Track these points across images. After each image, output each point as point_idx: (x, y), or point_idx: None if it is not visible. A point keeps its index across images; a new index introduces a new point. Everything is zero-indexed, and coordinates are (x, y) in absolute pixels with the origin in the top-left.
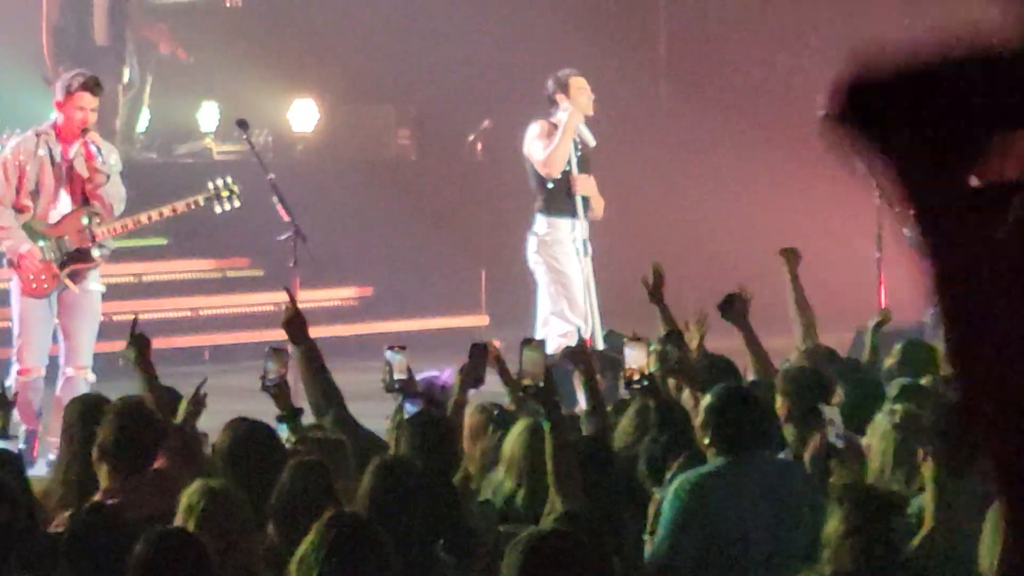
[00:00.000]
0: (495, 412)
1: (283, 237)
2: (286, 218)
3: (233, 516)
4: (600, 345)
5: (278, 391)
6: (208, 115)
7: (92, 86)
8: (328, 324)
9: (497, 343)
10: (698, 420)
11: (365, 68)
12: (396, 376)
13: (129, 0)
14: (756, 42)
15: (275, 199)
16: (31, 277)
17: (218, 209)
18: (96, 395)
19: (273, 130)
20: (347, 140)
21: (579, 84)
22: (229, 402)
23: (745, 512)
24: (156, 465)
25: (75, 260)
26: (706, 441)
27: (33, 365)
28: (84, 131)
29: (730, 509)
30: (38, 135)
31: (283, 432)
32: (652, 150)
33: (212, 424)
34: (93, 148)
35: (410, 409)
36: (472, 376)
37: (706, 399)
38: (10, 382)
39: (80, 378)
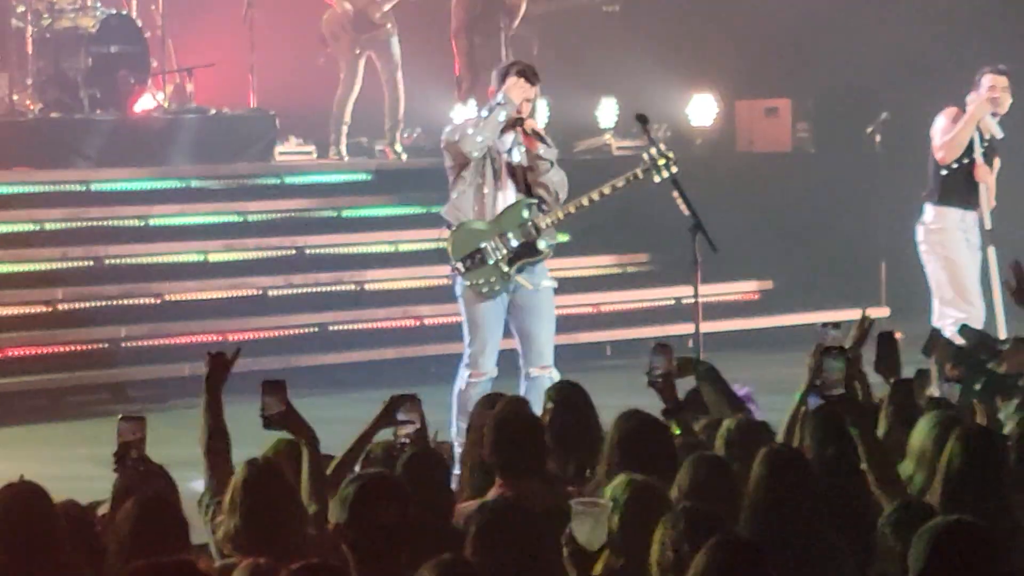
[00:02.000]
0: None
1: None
2: (687, 212)
3: (653, 508)
4: (1004, 335)
5: (664, 385)
6: (607, 111)
7: (530, 74)
8: (730, 318)
9: (899, 335)
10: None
11: (762, 61)
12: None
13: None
14: None
15: (675, 193)
16: (480, 282)
17: (657, 178)
18: (495, 395)
19: (672, 125)
20: (745, 133)
21: (990, 83)
22: (625, 397)
23: None
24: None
25: (522, 255)
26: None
27: (488, 369)
28: (519, 121)
29: None
30: None
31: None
32: None
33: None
34: (533, 136)
35: (812, 402)
36: (888, 366)
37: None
38: (461, 384)
39: (545, 377)
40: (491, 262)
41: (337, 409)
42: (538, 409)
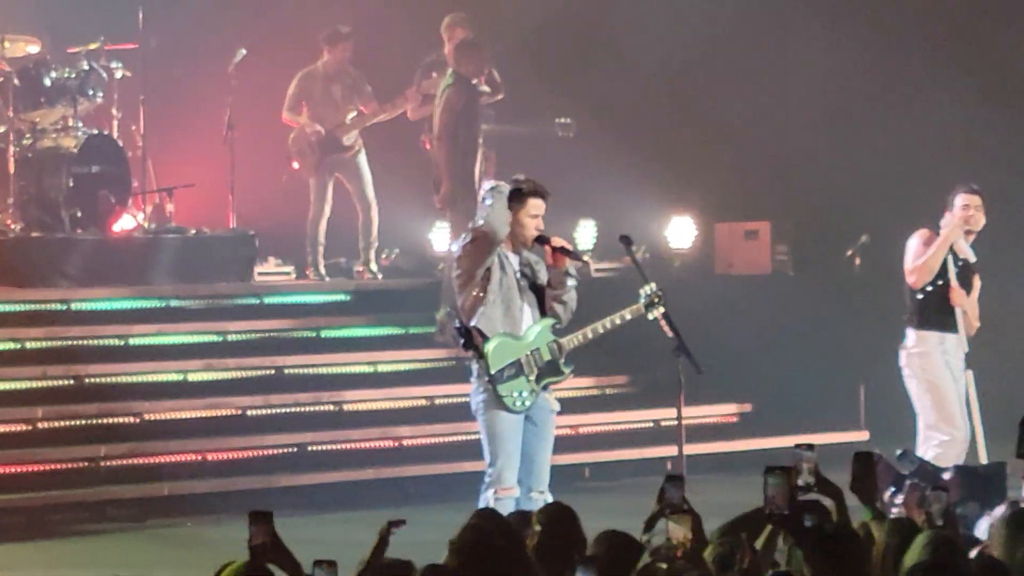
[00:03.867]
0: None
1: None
2: (671, 334)
3: None
4: (985, 460)
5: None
6: (585, 232)
7: (543, 192)
8: (709, 441)
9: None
10: None
11: (742, 184)
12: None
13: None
14: None
15: (660, 316)
16: (515, 395)
17: (651, 316)
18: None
19: (651, 247)
20: (724, 256)
21: (963, 201)
22: (603, 518)
23: None
24: None
25: (547, 374)
26: None
27: (514, 484)
28: (541, 239)
29: None
30: None
31: None
32: None
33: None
34: (562, 252)
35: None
36: (865, 490)
37: None
38: (488, 503)
39: (542, 501)
40: (525, 376)
41: (315, 530)
42: None
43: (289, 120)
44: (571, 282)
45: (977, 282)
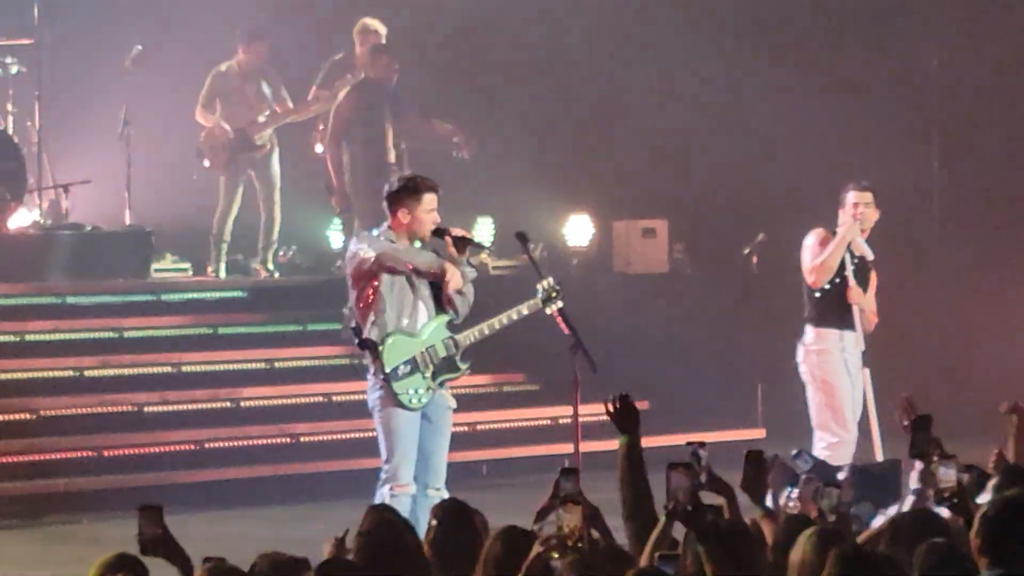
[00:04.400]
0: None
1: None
2: (567, 331)
3: None
4: (880, 458)
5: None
6: (483, 230)
7: (435, 186)
8: (607, 438)
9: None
10: (973, 530)
11: (639, 182)
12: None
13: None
14: None
15: (555, 311)
16: (411, 392)
17: (548, 310)
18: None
19: (548, 245)
20: (622, 254)
21: (853, 199)
22: (500, 515)
23: None
24: None
25: (443, 371)
26: (979, 551)
27: (409, 481)
28: (439, 231)
29: None
30: None
31: None
32: (933, 264)
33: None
34: (462, 242)
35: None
36: (756, 488)
37: (984, 508)
38: (384, 500)
39: (438, 497)
40: (420, 373)
41: (212, 526)
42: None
43: (202, 118)
44: (471, 272)
45: (874, 279)
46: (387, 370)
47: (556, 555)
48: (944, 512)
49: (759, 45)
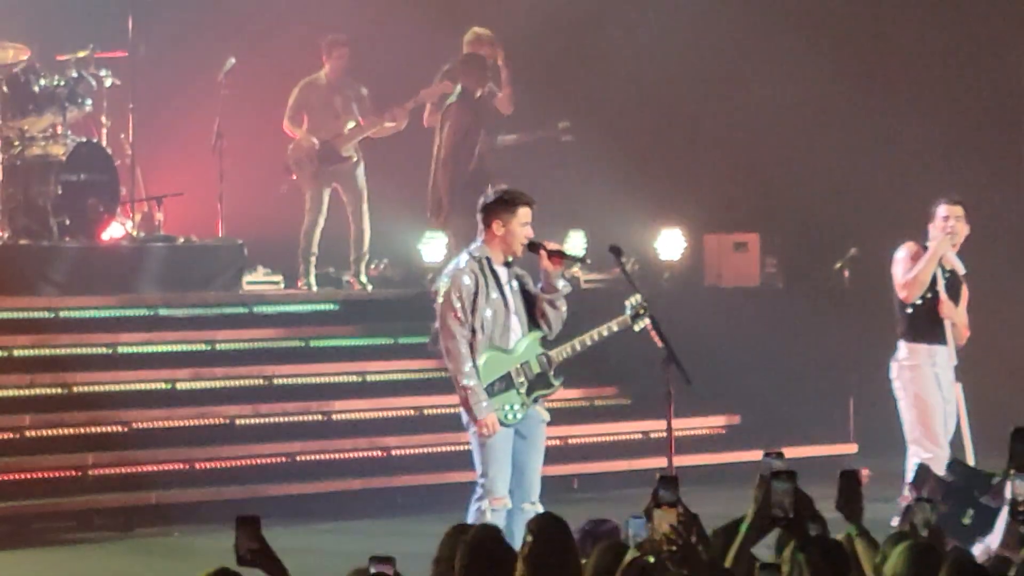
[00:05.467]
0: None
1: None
2: (660, 345)
3: None
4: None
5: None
6: (575, 244)
7: (530, 200)
8: (696, 452)
9: (866, 472)
10: None
11: (731, 196)
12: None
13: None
14: None
15: (650, 326)
16: (507, 407)
17: (637, 327)
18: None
19: (640, 258)
20: (714, 268)
21: (943, 212)
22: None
23: None
24: None
25: (537, 387)
26: None
27: (505, 496)
28: (534, 245)
29: None
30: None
31: None
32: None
33: None
34: (557, 255)
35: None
36: (850, 506)
37: None
38: (480, 516)
39: (533, 512)
40: (515, 390)
41: (303, 539)
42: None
43: (289, 130)
44: (565, 286)
45: (966, 292)
46: (483, 386)
47: (652, 559)
48: None
49: (853, 60)
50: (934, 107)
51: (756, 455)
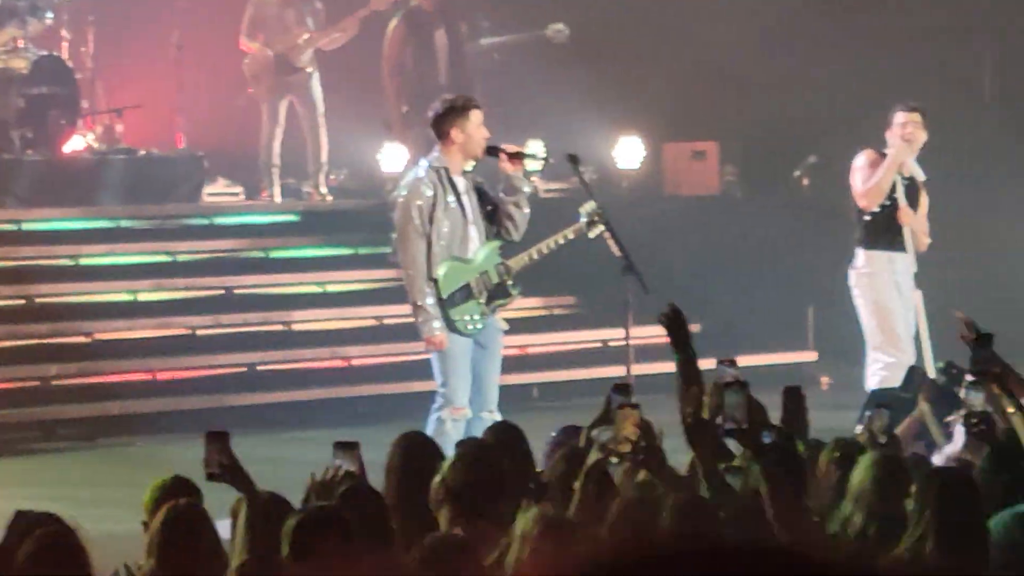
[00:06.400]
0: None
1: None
2: (619, 254)
3: (563, 542)
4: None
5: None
6: (534, 151)
7: (479, 104)
8: (655, 361)
9: (826, 379)
10: None
11: (690, 104)
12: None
13: (465, 41)
14: None
15: (607, 235)
16: (466, 318)
17: (591, 234)
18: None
19: (598, 167)
20: (672, 176)
21: (901, 119)
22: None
23: None
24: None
25: (497, 296)
26: None
27: (465, 405)
28: (492, 149)
29: None
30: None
31: None
32: (983, 179)
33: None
34: (517, 156)
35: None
36: (796, 423)
37: None
38: (440, 424)
39: (491, 420)
40: (475, 300)
41: (265, 449)
42: None
43: (245, 46)
44: (527, 187)
45: (925, 199)
46: (443, 296)
47: (615, 460)
48: None
49: None
50: (893, 14)
51: (715, 364)
